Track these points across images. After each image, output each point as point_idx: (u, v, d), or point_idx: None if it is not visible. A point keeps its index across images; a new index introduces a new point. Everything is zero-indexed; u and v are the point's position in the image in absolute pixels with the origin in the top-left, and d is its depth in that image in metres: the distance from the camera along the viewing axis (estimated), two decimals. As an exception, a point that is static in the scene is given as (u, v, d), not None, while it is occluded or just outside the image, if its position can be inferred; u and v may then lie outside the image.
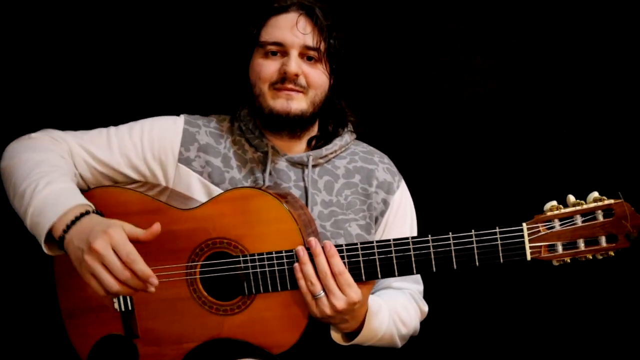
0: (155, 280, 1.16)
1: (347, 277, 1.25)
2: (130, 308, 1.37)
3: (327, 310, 1.25)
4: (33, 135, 1.41)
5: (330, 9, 1.46)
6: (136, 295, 1.35)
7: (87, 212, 1.22)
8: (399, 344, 1.45)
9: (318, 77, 1.45)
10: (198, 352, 1.32)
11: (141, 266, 1.15)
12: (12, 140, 1.41)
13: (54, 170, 1.30)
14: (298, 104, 1.43)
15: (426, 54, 1.87)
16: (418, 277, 1.56)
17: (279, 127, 1.46)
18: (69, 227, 1.19)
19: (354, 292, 1.25)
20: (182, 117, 1.50)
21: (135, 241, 1.18)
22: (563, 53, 1.82)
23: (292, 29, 1.41)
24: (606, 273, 1.73)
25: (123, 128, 1.46)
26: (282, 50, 1.42)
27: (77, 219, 1.20)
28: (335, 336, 1.35)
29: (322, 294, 1.25)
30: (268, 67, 1.43)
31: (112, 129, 1.46)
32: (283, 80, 1.41)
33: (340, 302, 1.24)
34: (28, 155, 1.33)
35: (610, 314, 1.84)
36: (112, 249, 1.14)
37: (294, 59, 1.41)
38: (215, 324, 1.34)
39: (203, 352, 1.32)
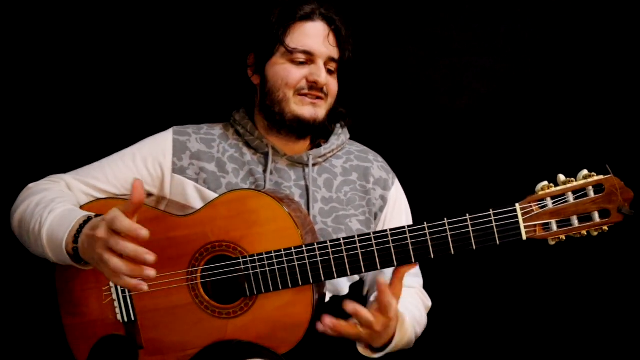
0: (144, 232, 1.12)
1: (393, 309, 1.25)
2: (133, 318, 1.37)
3: (367, 337, 1.28)
4: (31, 185, 1.44)
5: (347, 22, 1.51)
6: (138, 305, 1.36)
7: (89, 218, 1.24)
8: (413, 343, 1.44)
9: (335, 86, 1.52)
10: (204, 354, 1.32)
11: (138, 231, 1.12)
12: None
13: (52, 201, 1.33)
14: (321, 111, 1.49)
15: (427, 54, 1.90)
16: (418, 270, 1.57)
17: (298, 132, 1.50)
18: (77, 237, 1.23)
19: (393, 312, 1.25)
20: (171, 129, 1.52)
21: (132, 211, 1.15)
22: (562, 53, 1.86)
23: (324, 41, 1.46)
24: (603, 252, 1.75)
25: (115, 156, 1.50)
26: (309, 58, 1.46)
27: (81, 227, 1.23)
28: (364, 351, 1.34)
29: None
30: (296, 74, 1.46)
31: (104, 160, 1.50)
32: (311, 88, 1.46)
33: (379, 326, 1.25)
34: (28, 201, 1.37)
35: (609, 294, 1.85)
36: (110, 228, 1.13)
37: (323, 70, 1.46)
38: (218, 328, 1.33)
39: (209, 354, 1.31)
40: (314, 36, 1.46)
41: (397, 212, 1.56)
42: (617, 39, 1.83)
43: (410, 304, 1.46)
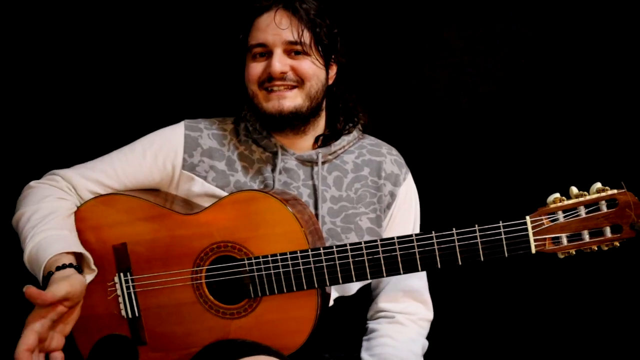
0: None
1: None
2: (137, 315, 1.37)
3: None
4: (32, 183, 1.43)
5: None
6: (143, 301, 1.37)
7: (51, 273, 1.21)
8: None
9: (308, 67, 1.43)
10: (207, 351, 1.32)
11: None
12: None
13: (40, 221, 1.31)
14: (292, 101, 1.42)
15: (428, 54, 1.87)
16: (423, 273, 1.55)
17: (278, 127, 1.46)
18: (46, 278, 1.21)
19: None
20: (183, 123, 1.50)
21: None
22: (562, 52, 1.82)
23: (272, 28, 1.41)
24: (612, 265, 1.73)
25: (125, 149, 1.47)
26: (267, 50, 1.42)
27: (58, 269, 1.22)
28: None
29: None
30: (255, 69, 1.43)
31: (113, 153, 1.47)
32: (270, 80, 1.42)
33: None
34: (24, 209, 1.36)
35: (617, 307, 1.83)
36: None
37: (276, 57, 1.40)
38: (221, 328, 1.34)
39: (214, 350, 1.31)
40: (265, 26, 1.42)
41: (405, 210, 1.52)
42: (621, 38, 1.78)
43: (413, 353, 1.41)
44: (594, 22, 1.79)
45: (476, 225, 1.23)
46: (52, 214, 1.34)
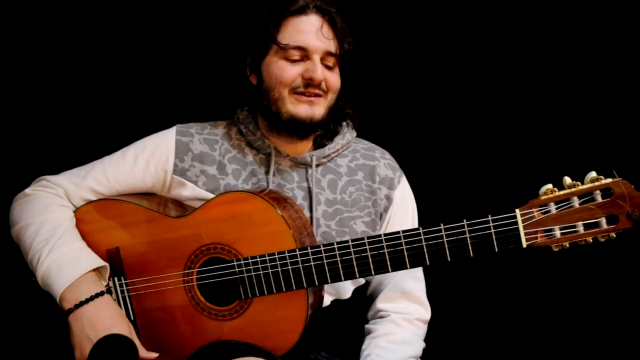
0: None
1: None
2: (132, 318, 1.38)
3: None
4: (28, 191, 1.43)
5: (344, 12, 1.43)
6: (137, 305, 1.38)
7: (101, 293, 1.28)
8: None
9: (336, 81, 1.44)
10: (201, 353, 1.32)
11: None
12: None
13: (54, 232, 1.33)
14: (319, 109, 1.42)
15: (426, 54, 1.84)
16: (420, 274, 1.51)
17: (298, 132, 1.44)
18: (78, 305, 1.27)
19: None
20: (174, 128, 1.49)
21: None
22: (564, 51, 1.78)
23: (317, 34, 1.39)
24: (609, 257, 1.67)
25: (116, 155, 1.47)
26: (304, 54, 1.40)
27: (90, 300, 1.28)
28: None
29: None
30: (291, 72, 1.39)
31: (105, 159, 1.47)
32: (307, 86, 1.40)
33: None
34: (29, 219, 1.36)
35: (615, 301, 1.78)
36: None
37: (319, 65, 1.39)
38: (214, 330, 1.34)
39: (206, 353, 1.31)
40: (307, 31, 1.39)
41: (402, 212, 1.50)
42: (621, 36, 1.73)
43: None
44: (591, 21, 1.75)
45: (464, 220, 1.19)
46: (61, 225, 1.35)
